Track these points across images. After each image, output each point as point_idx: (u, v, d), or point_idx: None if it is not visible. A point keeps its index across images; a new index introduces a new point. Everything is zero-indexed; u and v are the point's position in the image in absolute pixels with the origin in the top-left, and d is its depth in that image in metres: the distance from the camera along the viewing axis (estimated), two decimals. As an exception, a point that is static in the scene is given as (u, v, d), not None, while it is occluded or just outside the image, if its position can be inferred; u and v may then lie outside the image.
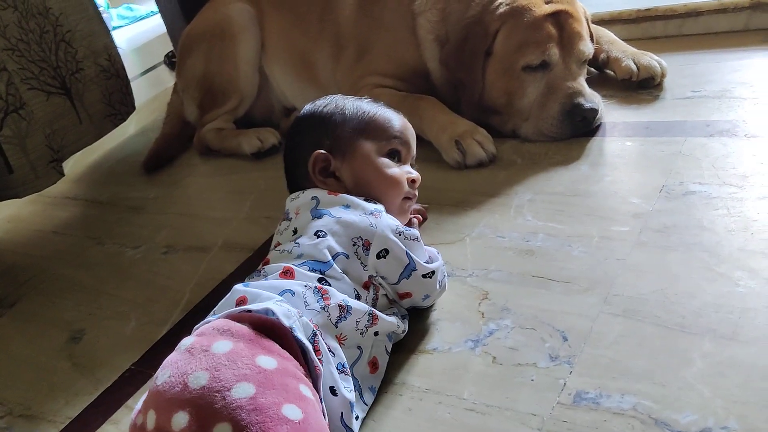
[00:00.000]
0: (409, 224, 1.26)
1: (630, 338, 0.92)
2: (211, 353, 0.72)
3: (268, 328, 0.79)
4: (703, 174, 1.22)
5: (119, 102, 2.10)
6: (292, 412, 0.69)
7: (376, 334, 0.93)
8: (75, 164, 2.20)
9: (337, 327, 0.87)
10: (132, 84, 2.18)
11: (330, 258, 0.93)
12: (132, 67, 3.04)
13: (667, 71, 1.57)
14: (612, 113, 1.52)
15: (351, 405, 0.84)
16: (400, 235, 0.98)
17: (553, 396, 0.87)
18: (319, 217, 0.98)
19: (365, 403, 0.90)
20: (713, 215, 1.11)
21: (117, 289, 1.44)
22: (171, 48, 3.00)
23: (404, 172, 1.09)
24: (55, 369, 1.24)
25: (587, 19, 1.53)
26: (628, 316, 0.96)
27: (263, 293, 0.86)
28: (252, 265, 1.36)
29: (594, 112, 1.43)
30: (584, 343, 0.93)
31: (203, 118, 1.97)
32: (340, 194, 1.02)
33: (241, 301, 0.86)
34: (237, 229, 1.52)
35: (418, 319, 1.06)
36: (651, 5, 1.83)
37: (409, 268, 0.97)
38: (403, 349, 1.02)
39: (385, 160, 1.08)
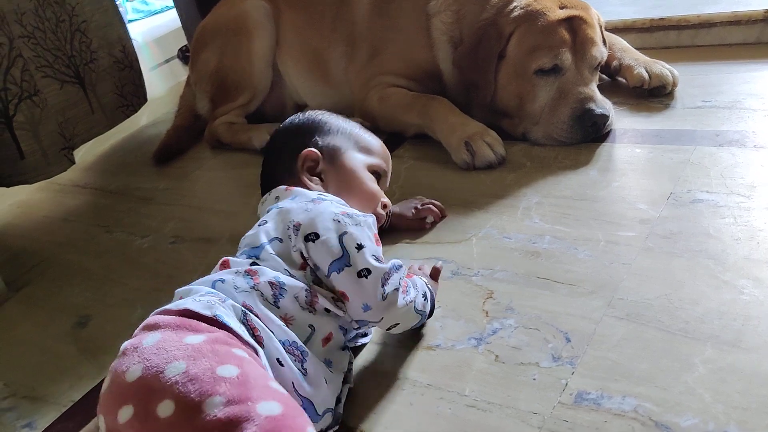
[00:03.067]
0: (423, 220, 1.31)
1: (633, 341, 0.93)
2: (142, 348, 0.74)
3: (196, 317, 0.79)
4: (711, 183, 1.22)
5: (132, 93, 2.12)
6: (227, 370, 0.70)
7: (327, 311, 0.89)
8: (86, 153, 2.22)
9: (278, 307, 0.85)
10: (145, 77, 2.20)
11: (264, 241, 0.93)
12: (146, 60, 3.07)
13: (678, 80, 1.58)
14: (622, 120, 1.53)
15: (300, 375, 0.83)
16: (338, 222, 0.91)
17: (554, 395, 0.87)
18: (269, 210, 0.99)
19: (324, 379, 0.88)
20: (720, 223, 1.11)
21: (124, 277, 1.45)
22: (185, 42, 3.02)
23: (381, 192, 1.12)
24: (61, 353, 1.25)
25: (601, 26, 1.53)
26: (631, 319, 0.96)
27: (195, 288, 0.86)
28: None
29: (605, 117, 1.44)
30: (587, 344, 0.94)
31: (215, 111, 1.98)
32: (293, 189, 1.03)
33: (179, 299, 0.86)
34: (244, 222, 1.51)
35: (422, 315, 1.07)
36: (665, 15, 1.84)
37: (341, 261, 0.88)
38: (407, 344, 1.02)
39: (370, 175, 1.13)
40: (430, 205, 1.32)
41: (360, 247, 0.89)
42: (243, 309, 0.82)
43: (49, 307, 1.42)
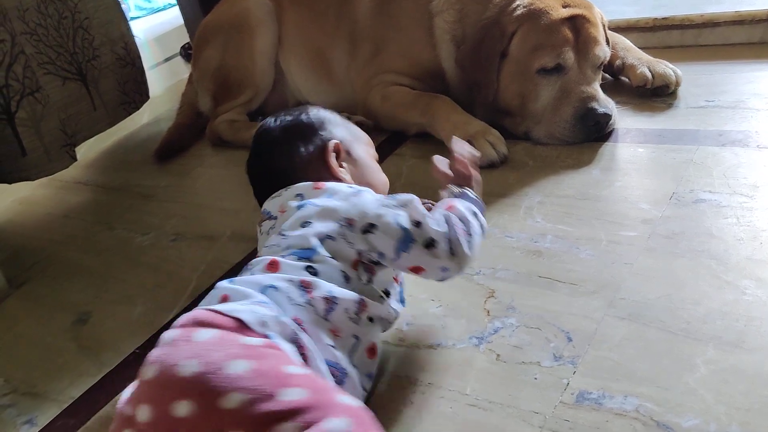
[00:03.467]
0: None
1: (634, 342, 0.92)
2: (194, 342, 0.73)
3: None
4: (713, 182, 1.22)
5: (134, 91, 2.12)
6: (295, 369, 0.71)
7: (371, 320, 0.90)
8: (87, 150, 2.22)
9: (327, 320, 0.85)
10: (147, 74, 2.20)
11: (316, 243, 0.91)
12: (148, 58, 3.06)
13: (681, 80, 1.57)
14: (625, 120, 1.52)
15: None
16: (387, 207, 0.93)
17: (555, 395, 0.87)
18: (302, 207, 0.97)
19: (364, 390, 0.90)
20: (722, 224, 1.11)
21: (125, 274, 1.45)
22: (187, 40, 3.02)
23: None
24: (61, 350, 1.25)
25: (604, 25, 1.53)
26: (633, 319, 0.96)
27: (245, 290, 0.84)
28: (260, 255, 1.36)
29: (607, 117, 1.43)
30: (588, 344, 0.94)
31: (217, 109, 1.98)
32: (324, 185, 1.00)
33: (224, 299, 0.84)
34: (246, 220, 1.53)
35: (423, 314, 1.07)
36: (668, 14, 1.83)
37: (406, 240, 0.90)
38: (408, 343, 1.02)
39: (377, 164, 1.16)
40: (430, 205, 1.31)
41: (418, 222, 0.91)
42: (293, 329, 0.81)
43: (49, 303, 1.42)
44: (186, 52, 3.15)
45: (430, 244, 0.90)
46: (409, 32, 1.69)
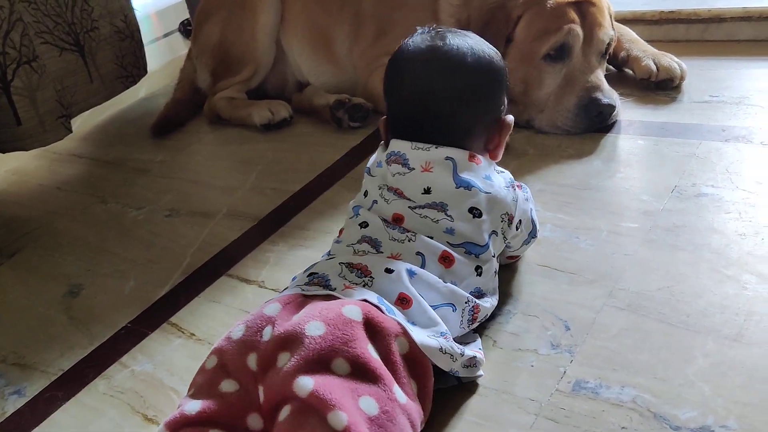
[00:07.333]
0: None
1: (633, 332, 0.91)
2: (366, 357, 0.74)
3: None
4: (716, 177, 1.21)
5: (131, 65, 2.08)
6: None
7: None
8: (83, 123, 2.19)
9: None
10: (145, 49, 2.16)
11: (487, 240, 0.92)
12: (145, 33, 3.02)
13: (686, 74, 1.56)
14: (628, 111, 1.51)
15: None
16: (531, 209, 1.02)
17: (552, 383, 0.86)
18: (467, 188, 0.90)
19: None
20: (724, 218, 1.10)
21: (118, 247, 1.43)
22: (186, 16, 2.98)
23: None
24: (52, 321, 1.23)
25: (610, 14, 1.51)
26: (632, 310, 0.95)
27: (426, 307, 0.83)
28: (255, 234, 1.35)
29: (611, 108, 1.42)
30: (587, 333, 0.93)
31: (215, 86, 1.96)
32: (480, 162, 0.93)
33: (403, 299, 0.83)
34: (242, 198, 1.52)
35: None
36: (675, 8, 1.82)
37: (532, 234, 1.03)
38: (404, 326, 1.01)
39: None
40: None
41: (534, 221, 1.04)
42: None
43: (40, 274, 1.40)
44: (185, 28, 3.11)
45: (535, 236, 1.05)
46: (413, 15, 1.67)
